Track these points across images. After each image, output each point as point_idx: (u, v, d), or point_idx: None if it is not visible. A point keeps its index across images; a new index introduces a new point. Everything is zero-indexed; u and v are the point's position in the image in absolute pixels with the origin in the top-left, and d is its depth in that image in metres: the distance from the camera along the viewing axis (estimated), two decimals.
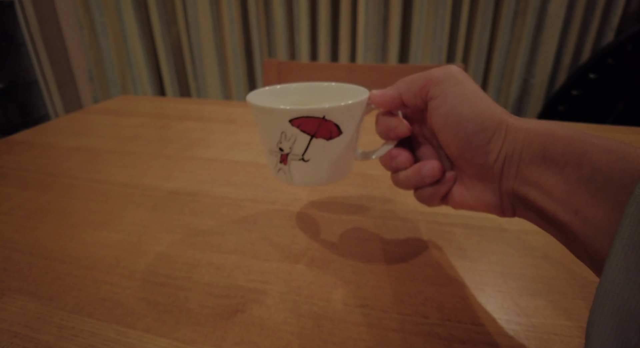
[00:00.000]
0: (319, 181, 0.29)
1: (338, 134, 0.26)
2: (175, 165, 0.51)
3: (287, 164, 0.27)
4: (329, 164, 0.27)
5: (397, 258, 0.32)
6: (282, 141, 0.26)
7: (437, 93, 0.23)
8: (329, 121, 0.25)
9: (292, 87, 0.33)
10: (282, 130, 0.26)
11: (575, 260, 0.31)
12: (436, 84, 0.23)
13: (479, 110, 0.22)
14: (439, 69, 0.24)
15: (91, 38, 1.73)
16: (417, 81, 0.24)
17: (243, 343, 0.24)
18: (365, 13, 1.46)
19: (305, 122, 0.25)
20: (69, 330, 0.25)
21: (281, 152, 0.27)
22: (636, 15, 1.39)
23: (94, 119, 0.73)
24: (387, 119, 0.26)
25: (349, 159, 0.29)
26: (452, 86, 0.23)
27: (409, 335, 0.25)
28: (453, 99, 0.22)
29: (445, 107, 0.23)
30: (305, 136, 0.26)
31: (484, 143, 0.22)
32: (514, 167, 0.21)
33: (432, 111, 0.24)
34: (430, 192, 0.26)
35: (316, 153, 0.26)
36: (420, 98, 0.24)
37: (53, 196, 0.43)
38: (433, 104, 0.23)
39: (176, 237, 0.35)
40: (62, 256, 0.33)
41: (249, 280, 0.30)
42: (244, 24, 1.61)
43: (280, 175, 0.29)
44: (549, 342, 0.24)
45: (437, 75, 0.23)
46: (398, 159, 0.27)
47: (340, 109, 0.25)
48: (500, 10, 1.43)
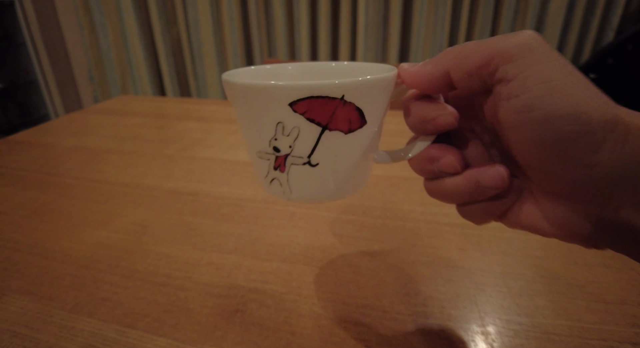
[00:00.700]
0: (328, 195, 0.21)
1: (361, 124, 0.19)
2: (175, 165, 0.51)
3: (285, 171, 0.20)
4: (345, 170, 0.20)
5: (397, 259, 0.32)
6: (279, 137, 0.19)
7: (510, 74, 0.16)
8: (350, 104, 0.18)
9: (287, 68, 0.25)
10: (279, 120, 0.18)
11: (575, 260, 0.32)
12: (508, 60, 0.16)
13: (579, 103, 0.15)
14: (509, 37, 0.16)
15: (91, 38, 1.73)
16: (476, 54, 0.17)
17: (243, 343, 0.24)
18: (365, 13, 1.46)
19: (314, 105, 0.18)
20: (69, 330, 0.25)
21: (276, 153, 0.19)
22: (636, 15, 1.39)
23: (94, 118, 0.73)
24: (424, 105, 0.19)
25: (369, 162, 0.21)
26: (534, 65, 0.15)
27: (409, 335, 0.25)
28: (536, 84, 0.15)
29: (525, 96, 0.15)
30: (313, 128, 0.18)
31: (588, 152, 0.15)
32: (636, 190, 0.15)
33: (502, 101, 0.16)
34: (485, 209, 0.19)
35: (329, 153, 0.19)
36: (480, 79, 0.17)
37: (53, 196, 0.43)
38: (504, 90, 0.16)
39: (176, 237, 0.35)
40: (62, 256, 0.33)
41: (249, 280, 0.30)
42: (244, 24, 1.61)
43: (273, 188, 0.21)
44: (549, 342, 0.24)
45: (509, 46, 0.16)
46: (442, 161, 0.19)
47: (366, 85, 0.18)
48: (500, 10, 1.43)
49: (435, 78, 0.18)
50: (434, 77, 0.18)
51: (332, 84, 0.17)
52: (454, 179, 0.19)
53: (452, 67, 0.17)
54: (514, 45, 0.16)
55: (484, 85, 0.17)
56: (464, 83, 0.17)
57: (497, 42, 0.16)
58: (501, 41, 0.16)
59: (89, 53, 1.76)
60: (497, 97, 0.17)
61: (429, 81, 0.18)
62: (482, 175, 0.18)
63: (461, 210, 0.20)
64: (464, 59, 0.17)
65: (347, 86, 0.17)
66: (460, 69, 0.17)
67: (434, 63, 0.18)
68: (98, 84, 1.83)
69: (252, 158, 0.21)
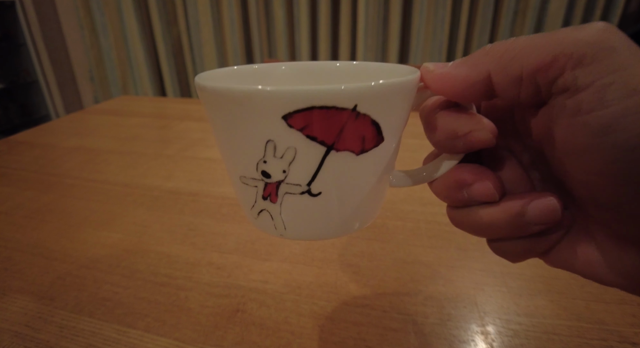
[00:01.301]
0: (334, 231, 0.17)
1: (377, 142, 0.15)
2: (175, 165, 0.51)
3: (277, 202, 0.15)
4: (354, 199, 0.16)
5: (397, 258, 0.32)
6: (269, 159, 0.14)
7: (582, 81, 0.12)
8: (364, 117, 0.14)
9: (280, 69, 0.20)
10: (270, 138, 0.14)
11: None
12: (579, 62, 0.12)
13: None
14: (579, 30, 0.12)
15: (92, 38, 1.74)
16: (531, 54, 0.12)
17: (243, 342, 0.24)
18: (365, 13, 1.46)
19: (317, 119, 0.13)
20: (69, 329, 0.25)
21: (266, 179, 0.15)
22: (635, 15, 1.39)
23: (94, 119, 0.73)
24: (454, 116, 0.15)
25: (384, 187, 0.17)
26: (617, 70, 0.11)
27: (409, 335, 0.25)
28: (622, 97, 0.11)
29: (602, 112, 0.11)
30: (316, 148, 0.14)
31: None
32: None
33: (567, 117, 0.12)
34: (527, 246, 0.15)
35: (335, 180, 0.15)
36: (534, 86, 0.13)
37: (54, 196, 0.43)
38: (570, 103, 0.12)
39: (177, 236, 0.35)
40: (63, 256, 0.33)
41: (249, 279, 0.30)
42: (244, 24, 1.61)
43: (262, 221, 0.16)
44: (548, 341, 0.24)
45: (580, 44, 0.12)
46: (475, 187, 0.15)
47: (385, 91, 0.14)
48: (500, 11, 1.43)
49: (470, 84, 0.14)
50: (469, 83, 0.14)
51: (342, 90, 0.13)
52: (490, 210, 0.15)
53: (496, 70, 0.13)
54: (587, 42, 0.11)
55: (537, 94, 0.13)
56: (510, 91, 0.13)
57: (562, 38, 0.12)
58: (568, 37, 0.12)
59: (90, 53, 1.76)
60: (557, 111, 0.13)
61: (463, 88, 0.14)
62: (527, 207, 0.14)
63: (494, 246, 0.16)
64: (513, 59, 0.13)
65: (361, 93, 0.13)
66: (507, 73, 0.13)
67: (471, 64, 0.14)
68: (99, 84, 1.83)
69: (234, 183, 0.16)
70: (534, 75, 0.12)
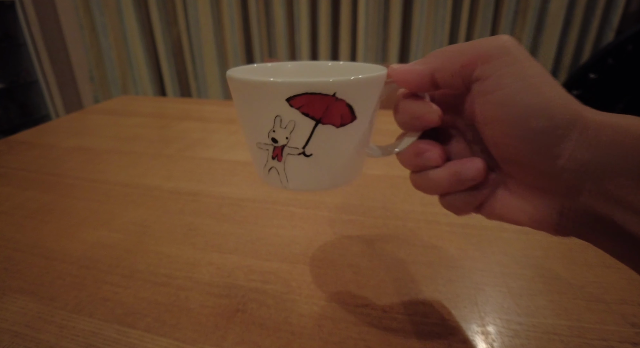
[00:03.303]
0: (322, 184, 0.22)
1: (351, 120, 0.20)
2: (175, 165, 0.51)
3: (282, 160, 0.21)
4: (337, 161, 0.22)
5: (397, 258, 0.32)
6: (277, 129, 0.20)
7: (487, 73, 0.17)
8: (341, 101, 0.19)
9: (288, 66, 0.26)
10: (277, 114, 0.20)
11: (575, 260, 0.32)
12: (487, 60, 0.17)
13: (547, 100, 0.16)
14: (488, 40, 0.18)
15: (92, 38, 1.73)
16: (458, 56, 0.18)
17: (244, 342, 0.24)
18: (365, 13, 1.46)
19: (309, 101, 0.19)
20: (69, 329, 0.25)
21: (274, 144, 0.21)
22: (636, 15, 1.39)
23: (94, 119, 0.73)
24: (412, 102, 0.21)
25: (361, 155, 0.23)
26: (510, 65, 0.17)
27: (409, 335, 0.25)
28: (512, 82, 0.17)
29: (499, 92, 0.17)
30: (308, 121, 0.20)
31: (552, 144, 0.16)
32: (594, 178, 0.16)
33: (480, 96, 0.18)
34: (465, 200, 0.20)
35: (322, 145, 0.21)
36: (461, 78, 0.18)
37: (54, 196, 0.43)
38: (481, 87, 0.18)
39: (177, 236, 0.35)
40: (63, 256, 0.33)
41: (249, 279, 0.30)
42: (244, 24, 1.61)
43: (271, 177, 0.22)
44: (549, 341, 0.24)
45: (488, 48, 0.17)
46: (426, 155, 0.21)
47: (357, 84, 0.20)
48: (500, 10, 1.43)
49: (422, 77, 0.19)
50: (421, 76, 0.19)
51: (326, 82, 0.19)
52: (437, 171, 0.21)
53: (438, 68, 0.19)
54: (492, 46, 0.17)
55: (464, 84, 0.19)
56: (448, 82, 0.19)
57: (479, 45, 0.18)
58: (483, 44, 0.18)
59: (90, 53, 1.76)
60: (474, 95, 0.18)
61: (417, 80, 0.20)
62: (461, 168, 0.20)
63: (443, 201, 0.22)
64: (448, 60, 0.19)
65: (339, 84, 0.19)
66: (445, 70, 0.19)
67: (422, 63, 0.20)
68: (98, 84, 1.83)
69: (252, 149, 0.22)
70: (460, 71, 0.18)
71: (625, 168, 0.15)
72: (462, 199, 0.21)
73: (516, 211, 0.19)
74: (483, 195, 0.20)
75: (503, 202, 0.20)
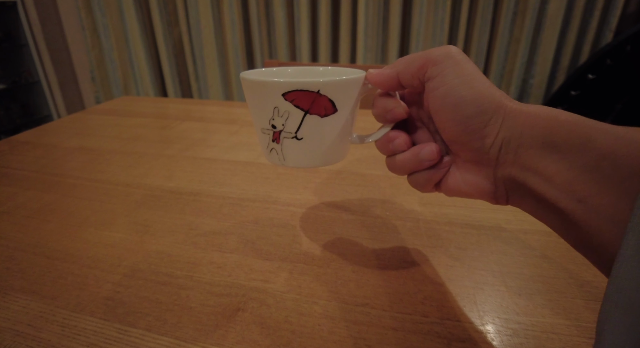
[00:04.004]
0: (312, 162, 0.27)
1: (333, 111, 0.25)
2: (176, 165, 0.51)
3: (279, 143, 0.26)
4: (323, 144, 0.26)
5: (396, 258, 0.32)
6: (275, 117, 0.25)
7: (435, 73, 0.22)
8: (324, 96, 0.24)
9: (288, 70, 0.32)
10: (275, 105, 0.25)
11: (574, 259, 0.32)
12: (434, 63, 0.22)
13: (477, 92, 0.21)
14: (437, 49, 0.23)
15: (93, 39, 1.74)
16: (415, 61, 0.23)
17: (244, 341, 0.25)
18: (365, 14, 1.46)
19: (299, 96, 0.24)
20: (71, 328, 0.26)
21: (274, 129, 0.26)
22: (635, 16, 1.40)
23: (96, 119, 0.74)
24: (384, 100, 0.26)
25: (344, 141, 0.28)
26: (451, 66, 0.22)
27: (409, 334, 0.25)
28: (451, 79, 0.21)
29: (443, 88, 0.22)
30: (298, 112, 0.25)
31: (481, 126, 0.21)
32: (512, 152, 0.20)
33: (430, 92, 0.23)
34: (426, 177, 0.25)
35: (310, 131, 0.25)
36: (418, 78, 0.23)
37: (55, 196, 0.43)
38: (431, 85, 0.22)
39: (178, 236, 0.36)
40: (64, 255, 0.33)
41: (250, 279, 0.30)
42: (245, 25, 1.61)
43: (272, 156, 0.28)
44: (547, 340, 0.24)
45: (436, 55, 0.22)
46: (396, 142, 0.25)
47: (335, 83, 0.24)
48: (500, 11, 1.43)
49: (390, 79, 0.24)
50: (389, 78, 0.24)
51: (312, 81, 0.24)
52: (403, 154, 0.25)
53: (401, 71, 0.24)
54: (439, 53, 0.22)
55: (420, 83, 0.23)
56: (409, 82, 0.24)
57: (430, 52, 0.23)
58: (433, 51, 0.23)
59: (91, 54, 1.76)
60: (427, 90, 0.23)
61: (386, 81, 0.25)
62: (420, 150, 0.24)
63: (409, 180, 0.26)
64: (408, 64, 0.23)
65: (322, 84, 0.24)
66: (406, 72, 0.24)
67: (390, 68, 0.24)
68: (100, 85, 1.83)
69: (258, 133, 0.28)
70: (417, 72, 0.23)
71: (532, 142, 0.19)
72: (423, 177, 0.25)
73: (464, 185, 0.23)
74: (440, 174, 0.25)
75: (455, 179, 0.24)
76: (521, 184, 0.20)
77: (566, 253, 0.32)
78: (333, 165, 0.41)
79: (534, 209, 0.21)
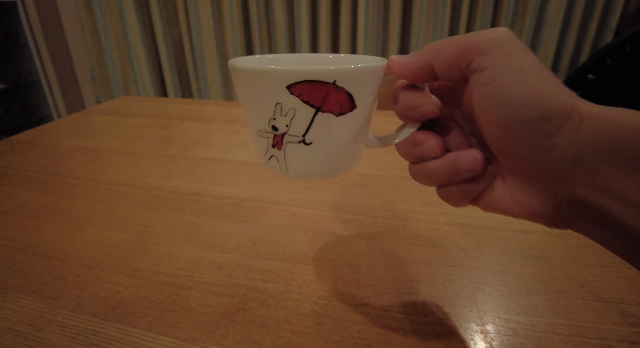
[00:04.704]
0: (322, 172, 0.22)
1: (351, 108, 0.20)
2: (176, 165, 0.51)
3: (282, 149, 0.21)
4: (336, 150, 0.22)
5: (396, 258, 0.32)
6: (277, 116, 0.20)
7: (484, 64, 0.17)
8: (341, 89, 0.19)
9: (289, 58, 0.27)
10: (278, 101, 0.20)
11: (574, 259, 0.32)
12: (482, 52, 0.17)
13: (540, 91, 0.16)
14: (484, 33, 0.18)
15: (93, 39, 1.74)
16: (454, 47, 0.18)
17: (244, 341, 0.25)
18: (365, 14, 1.46)
19: (309, 89, 0.19)
20: (71, 328, 0.26)
21: (275, 131, 0.21)
22: (635, 16, 1.40)
23: (96, 119, 0.74)
24: (410, 94, 0.21)
25: (359, 145, 0.23)
26: (505, 57, 0.17)
27: (409, 334, 0.25)
28: (506, 74, 0.17)
29: (493, 84, 0.17)
30: (308, 109, 0.20)
31: (547, 135, 0.16)
32: (589, 171, 0.16)
33: (475, 88, 0.18)
34: (463, 190, 0.20)
35: (322, 133, 0.21)
36: (458, 69, 0.18)
37: (56, 196, 0.43)
38: (477, 79, 0.18)
39: (178, 236, 0.36)
40: (64, 255, 0.33)
41: (250, 279, 0.30)
42: (245, 25, 1.61)
43: (271, 164, 0.22)
44: (547, 340, 0.24)
45: (483, 40, 0.18)
46: (425, 146, 0.21)
47: (356, 72, 0.20)
48: (500, 11, 1.43)
49: (418, 68, 0.20)
50: (418, 67, 0.20)
51: (326, 69, 0.19)
52: (435, 162, 0.21)
53: (434, 58, 0.19)
54: (488, 39, 0.18)
55: (461, 74, 0.19)
56: (444, 73, 0.19)
57: (475, 37, 0.18)
58: (477, 36, 0.18)
59: (91, 54, 1.76)
60: (471, 85, 0.18)
61: (414, 71, 0.20)
62: (459, 159, 0.20)
63: (440, 192, 0.22)
64: (443, 50, 0.19)
65: (339, 72, 0.19)
66: (440, 60, 0.19)
67: (420, 54, 0.20)
68: (100, 85, 1.83)
69: (253, 137, 0.23)
70: (457, 61, 0.18)
71: (619, 159, 0.15)
72: (459, 191, 0.21)
73: (511, 203, 0.19)
74: (480, 187, 0.20)
75: (499, 194, 0.20)
76: (595, 209, 0.16)
77: (566, 253, 0.32)
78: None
79: (607, 238, 0.17)
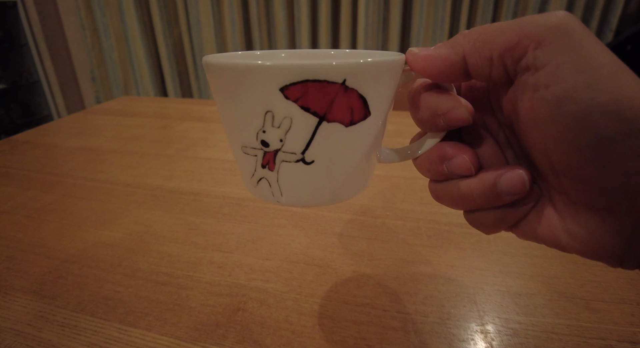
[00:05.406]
0: (324, 199, 0.18)
1: (364, 116, 0.16)
2: (177, 165, 0.51)
3: (274, 169, 0.17)
4: (344, 169, 0.17)
5: (396, 258, 0.32)
6: (268, 128, 0.15)
7: (542, 60, 0.13)
8: (352, 91, 0.15)
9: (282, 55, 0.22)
10: (268, 108, 0.15)
11: (574, 259, 0.32)
12: (540, 43, 0.13)
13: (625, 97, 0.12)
14: (540, 17, 0.13)
15: (93, 39, 1.74)
16: (499, 37, 0.14)
17: (244, 341, 0.25)
18: (365, 14, 1.46)
19: (310, 91, 0.14)
20: (71, 328, 0.26)
21: (265, 148, 0.16)
22: (635, 16, 1.40)
23: (96, 119, 0.74)
24: (435, 96, 0.16)
25: (372, 161, 0.18)
26: (571, 51, 0.12)
27: (409, 334, 0.25)
28: (574, 74, 0.12)
29: (558, 87, 0.13)
30: (308, 118, 0.15)
31: (632, 156, 0.12)
32: None
33: (530, 91, 0.14)
34: (499, 217, 0.16)
35: (327, 149, 0.16)
36: (502, 67, 0.14)
37: (56, 196, 0.43)
38: (531, 80, 0.13)
39: (178, 236, 0.36)
40: (64, 255, 0.33)
41: (250, 279, 0.30)
42: (245, 25, 1.61)
43: (260, 189, 0.18)
44: (547, 340, 0.24)
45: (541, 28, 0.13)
46: (455, 161, 0.16)
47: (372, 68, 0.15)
48: (500, 11, 1.43)
49: (449, 64, 0.15)
50: (448, 62, 0.15)
51: (331, 65, 0.14)
52: (467, 182, 0.16)
53: (470, 52, 0.14)
54: (547, 27, 0.13)
55: (505, 73, 0.14)
56: (482, 71, 0.15)
57: (527, 23, 0.13)
58: (532, 22, 0.13)
59: (91, 54, 1.76)
60: (521, 88, 0.14)
61: (442, 67, 0.15)
62: (500, 179, 0.15)
63: (470, 217, 0.17)
64: (484, 42, 0.14)
65: (349, 68, 0.14)
66: (480, 54, 0.14)
67: (449, 46, 0.15)
68: (100, 85, 1.83)
69: (236, 154, 0.18)
70: (502, 56, 0.14)
71: None
72: (495, 217, 0.16)
73: (564, 235, 0.15)
74: (521, 213, 0.16)
75: (546, 222, 0.16)
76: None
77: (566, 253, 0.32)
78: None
79: None
